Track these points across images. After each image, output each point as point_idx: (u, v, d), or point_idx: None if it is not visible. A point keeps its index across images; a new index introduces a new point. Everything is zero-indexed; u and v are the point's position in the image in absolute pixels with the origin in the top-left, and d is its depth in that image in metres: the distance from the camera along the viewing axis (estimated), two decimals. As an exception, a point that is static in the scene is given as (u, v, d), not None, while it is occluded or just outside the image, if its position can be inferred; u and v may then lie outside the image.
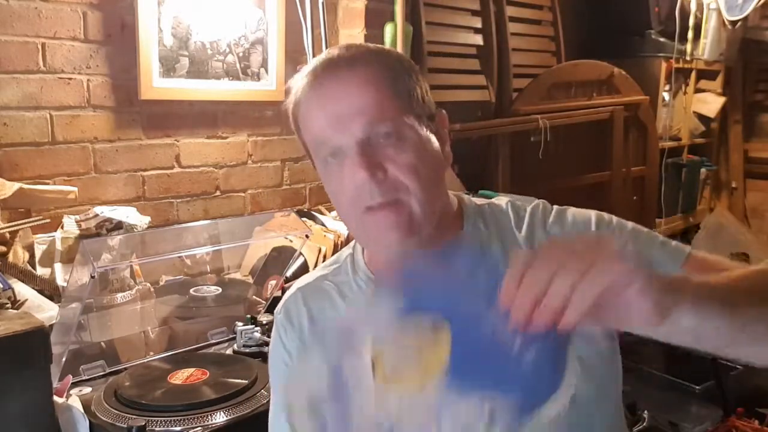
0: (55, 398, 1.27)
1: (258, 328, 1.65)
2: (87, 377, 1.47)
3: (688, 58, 3.70)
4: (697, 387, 2.23)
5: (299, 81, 0.88)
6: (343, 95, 0.83)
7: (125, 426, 1.26)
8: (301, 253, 1.90)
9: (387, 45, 2.35)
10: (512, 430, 0.70)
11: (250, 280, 2.01)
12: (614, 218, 0.93)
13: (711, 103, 4.04)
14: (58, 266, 1.67)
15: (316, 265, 1.91)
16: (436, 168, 0.89)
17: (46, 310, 1.45)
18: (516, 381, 0.64)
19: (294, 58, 2.28)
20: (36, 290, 1.53)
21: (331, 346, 0.91)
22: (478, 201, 0.98)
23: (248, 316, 1.71)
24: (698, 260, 0.87)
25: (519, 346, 0.62)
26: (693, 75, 3.87)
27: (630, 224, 0.93)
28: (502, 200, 0.98)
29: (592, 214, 0.93)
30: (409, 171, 0.83)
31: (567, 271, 0.59)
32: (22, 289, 1.49)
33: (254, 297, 1.90)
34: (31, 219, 1.67)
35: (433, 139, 0.89)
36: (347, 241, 2.05)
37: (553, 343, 0.62)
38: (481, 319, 0.64)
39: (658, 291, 0.60)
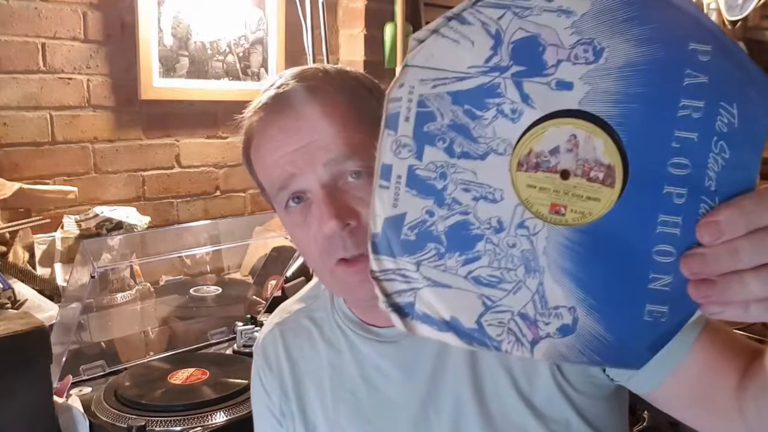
0: (55, 398, 1.27)
1: (258, 328, 1.65)
2: (87, 377, 1.47)
3: (688, 58, 3.71)
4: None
5: (249, 117, 0.78)
6: (300, 131, 0.72)
7: (125, 426, 1.26)
8: (301, 253, 1.90)
9: (387, 45, 2.35)
10: None
11: (250, 280, 2.01)
12: None
13: (711, 103, 4.04)
14: (58, 266, 1.67)
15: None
16: None
17: (46, 310, 1.45)
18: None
19: (294, 58, 2.28)
20: (36, 290, 1.53)
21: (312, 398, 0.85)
22: None
23: (248, 316, 1.71)
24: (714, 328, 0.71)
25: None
26: (693, 75, 3.87)
27: None
28: None
29: None
30: None
31: None
32: (22, 289, 1.49)
33: (254, 297, 1.90)
34: (31, 219, 1.67)
35: None
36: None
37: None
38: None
39: None
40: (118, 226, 1.74)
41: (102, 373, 1.50)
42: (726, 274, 0.42)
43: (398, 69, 0.89)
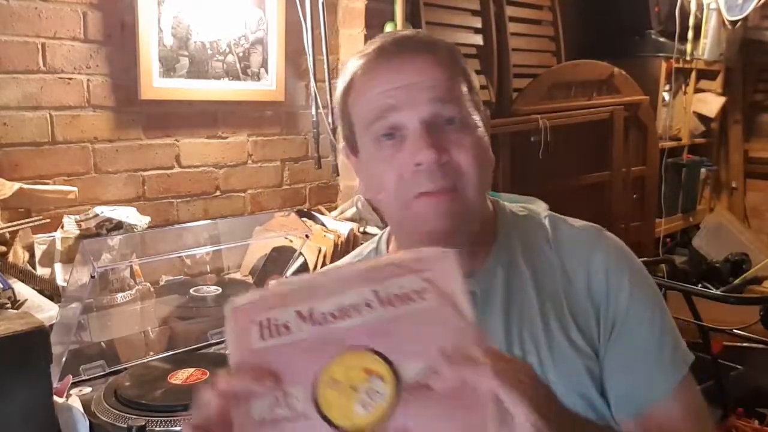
0: (55, 398, 1.27)
1: (258, 328, 1.64)
2: (87, 377, 1.47)
3: (688, 58, 3.71)
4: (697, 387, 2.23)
5: (354, 62, 0.84)
6: (406, 71, 0.79)
7: (125, 426, 1.26)
8: (301, 253, 1.90)
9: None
10: None
11: (250, 280, 2.01)
12: (648, 301, 0.85)
13: (711, 103, 4.04)
14: (58, 266, 1.67)
15: (315, 266, 1.91)
16: (491, 163, 0.85)
17: (46, 310, 1.45)
18: None
19: (294, 58, 2.28)
20: (36, 290, 1.53)
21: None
22: (513, 207, 0.93)
23: (248, 316, 1.70)
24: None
25: None
26: (693, 75, 3.87)
27: (657, 308, 0.85)
28: (541, 210, 0.93)
29: (628, 282, 0.84)
30: (472, 157, 0.80)
31: None
32: (22, 289, 1.49)
33: (254, 297, 1.89)
34: (31, 219, 1.67)
35: (486, 134, 0.85)
36: (347, 241, 2.05)
37: None
38: None
39: None
40: (118, 226, 1.74)
41: (102, 373, 1.50)
42: None
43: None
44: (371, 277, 0.56)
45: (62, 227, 1.74)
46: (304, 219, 2.04)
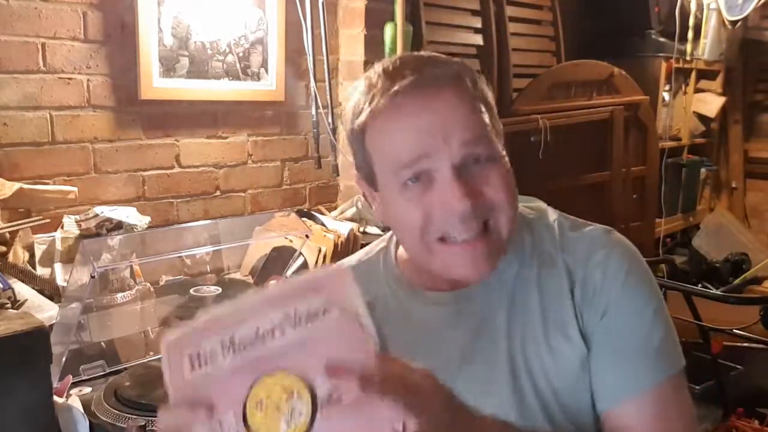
0: (55, 398, 1.27)
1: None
2: (87, 377, 1.47)
3: (688, 58, 3.71)
4: (697, 387, 2.23)
5: (370, 98, 0.79)
6: (435, 108, 0.76)
7: (125, 426, 1.26)
8: (301, 253, 1.90)
9: (387, 45, 2.35)
10: None
11: (250, 280, 2.01)
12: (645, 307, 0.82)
13: (711, 103, 4.04)
14: (58, 266, 1.67)
15: (316, 266, 1.91)
16: (516, 187, 0.84)
17: (46, 310, 1.45)
18: None
19: (294, 58, 2.28)
20: (36, 290, 1.53)
21: None
22: (522, 210, 0.91)
23: (248, 316, 1.70)
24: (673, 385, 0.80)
25: None
26: (693, 75, 3.87)
27: (650, 305, 0.82)
28: (550, 214, 0.92)
29: (625, 274, 0.82)
30: (502, 192, 0.79)
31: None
32: (22, 289, 1.49)
33: (254, 297, 1.89)
34: (31, 219, 1.67)
35: (507, 157, 0.83)
36: (347, 241, 2.05)
37: None
38: None
39: None
40: (118, 226, 1.74)
41: (102, 373, 1.50)
42: None
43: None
44: (281, 302, 0.60)
45: (62, 227, 1.74)
46: (304, 219, 2.04)
